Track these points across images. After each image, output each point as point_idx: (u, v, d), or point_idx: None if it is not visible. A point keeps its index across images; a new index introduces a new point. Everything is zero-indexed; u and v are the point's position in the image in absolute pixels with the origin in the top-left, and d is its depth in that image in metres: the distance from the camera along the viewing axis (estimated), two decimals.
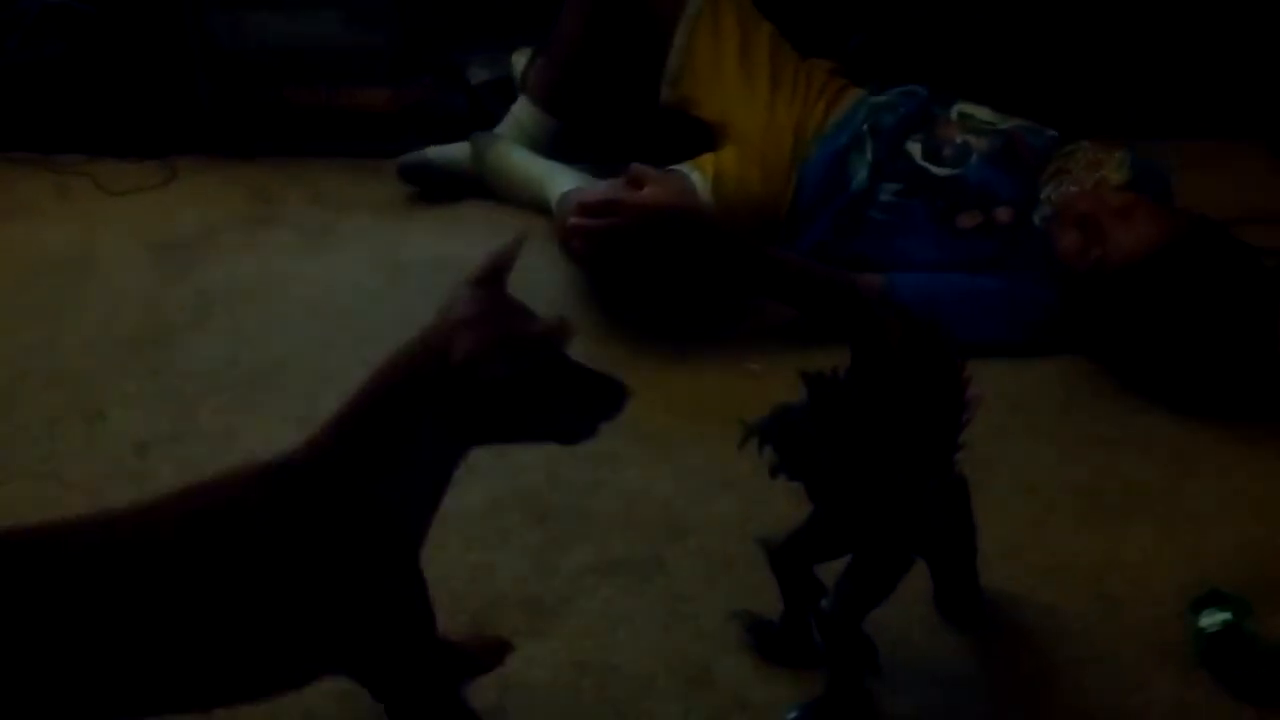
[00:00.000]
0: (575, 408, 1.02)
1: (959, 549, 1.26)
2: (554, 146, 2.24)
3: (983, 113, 2.03)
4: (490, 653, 1.21)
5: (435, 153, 2.27)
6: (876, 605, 1.12)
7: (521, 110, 2.26)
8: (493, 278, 1.00)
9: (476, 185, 2.25)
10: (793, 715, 1.16)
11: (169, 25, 2.44)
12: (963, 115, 2.02)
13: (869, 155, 1.99)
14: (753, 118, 2.07)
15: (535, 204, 2.14)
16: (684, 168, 2.03)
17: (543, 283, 1.91)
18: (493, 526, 1.45)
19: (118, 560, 0.95)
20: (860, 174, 1.98)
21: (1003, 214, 1.91)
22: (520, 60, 2.42)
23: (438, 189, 2.27)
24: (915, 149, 1.98)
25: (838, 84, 2.14)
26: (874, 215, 1.96)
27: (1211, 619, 1.24)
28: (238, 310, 1.94)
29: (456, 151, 2.27)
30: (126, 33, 2.47)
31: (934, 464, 1.12)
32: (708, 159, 2.05)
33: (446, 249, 2.12)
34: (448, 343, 0.95)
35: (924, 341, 1.06)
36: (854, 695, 1.14)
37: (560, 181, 2.09)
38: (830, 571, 1.14)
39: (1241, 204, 2.09)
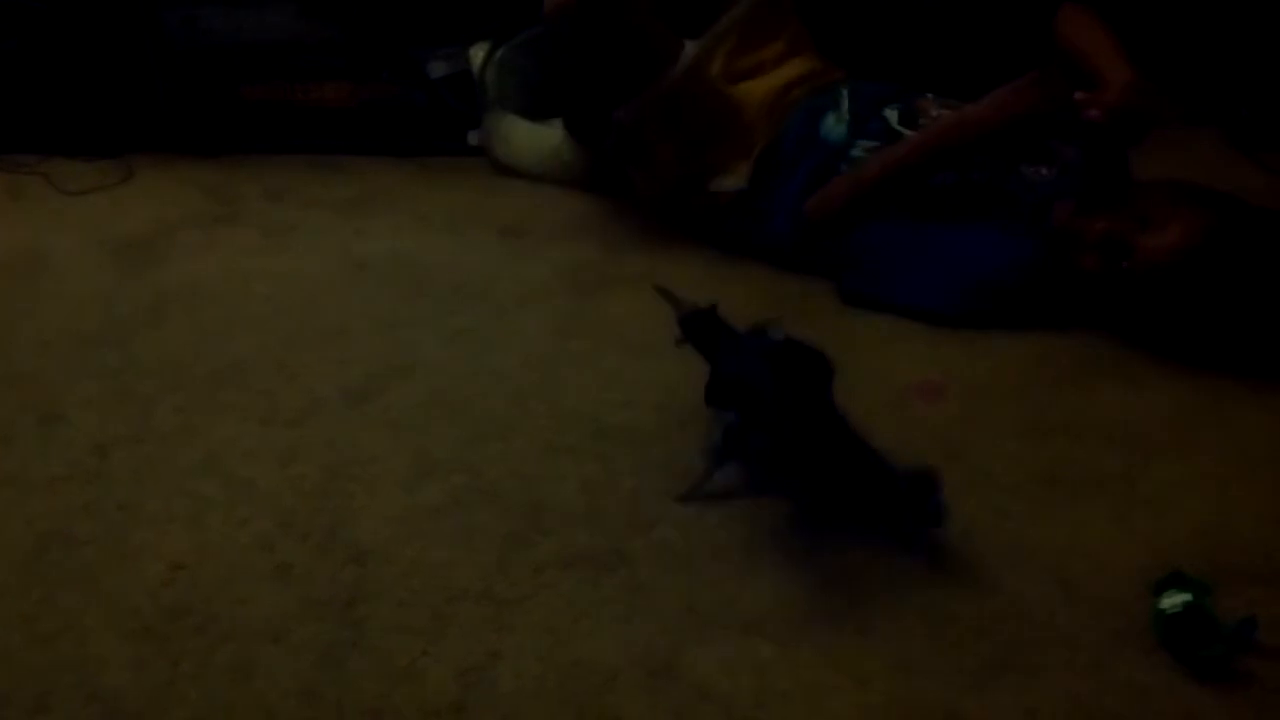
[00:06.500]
0: None
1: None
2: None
3: (953, 102, 2.08)
4: None
5: None
6: None
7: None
8: None
9: None
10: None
11: (124, 22, 2.42)
12: (937, 96, 2.08)
13: (845, 113, 2.06)
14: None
15: None
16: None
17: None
18: (454, 522, 1.44)
19: None
20: (838, 130, 2.05)
21: (979, 176, 1.96)
22: (478, 54, 2.42)
23: None
24: (892, 115, 2.05)
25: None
26: (845, 169, 2.01)
27: (1172, 600, 1.24)
28: (197, 309, 1.92)
29: None
30: (80, 30, 2.44)
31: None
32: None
33: (407, 245, 2.11)
34: None
35: None
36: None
37: None
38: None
39: None
